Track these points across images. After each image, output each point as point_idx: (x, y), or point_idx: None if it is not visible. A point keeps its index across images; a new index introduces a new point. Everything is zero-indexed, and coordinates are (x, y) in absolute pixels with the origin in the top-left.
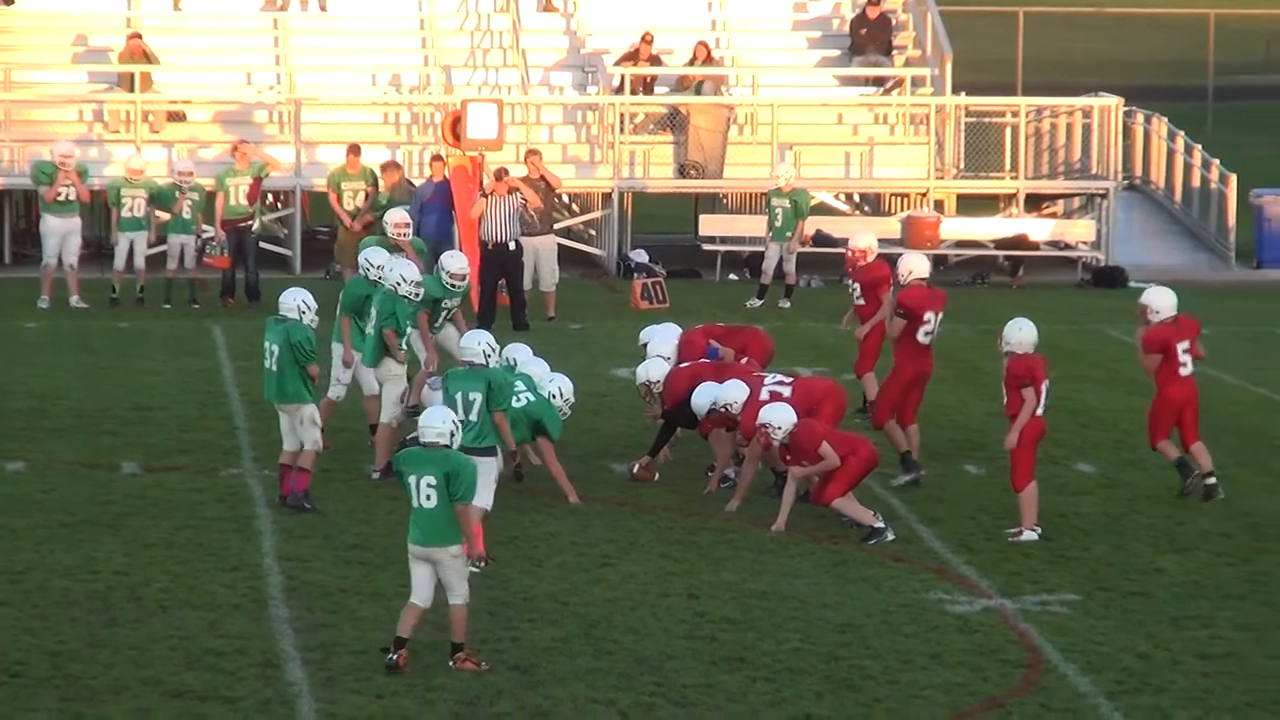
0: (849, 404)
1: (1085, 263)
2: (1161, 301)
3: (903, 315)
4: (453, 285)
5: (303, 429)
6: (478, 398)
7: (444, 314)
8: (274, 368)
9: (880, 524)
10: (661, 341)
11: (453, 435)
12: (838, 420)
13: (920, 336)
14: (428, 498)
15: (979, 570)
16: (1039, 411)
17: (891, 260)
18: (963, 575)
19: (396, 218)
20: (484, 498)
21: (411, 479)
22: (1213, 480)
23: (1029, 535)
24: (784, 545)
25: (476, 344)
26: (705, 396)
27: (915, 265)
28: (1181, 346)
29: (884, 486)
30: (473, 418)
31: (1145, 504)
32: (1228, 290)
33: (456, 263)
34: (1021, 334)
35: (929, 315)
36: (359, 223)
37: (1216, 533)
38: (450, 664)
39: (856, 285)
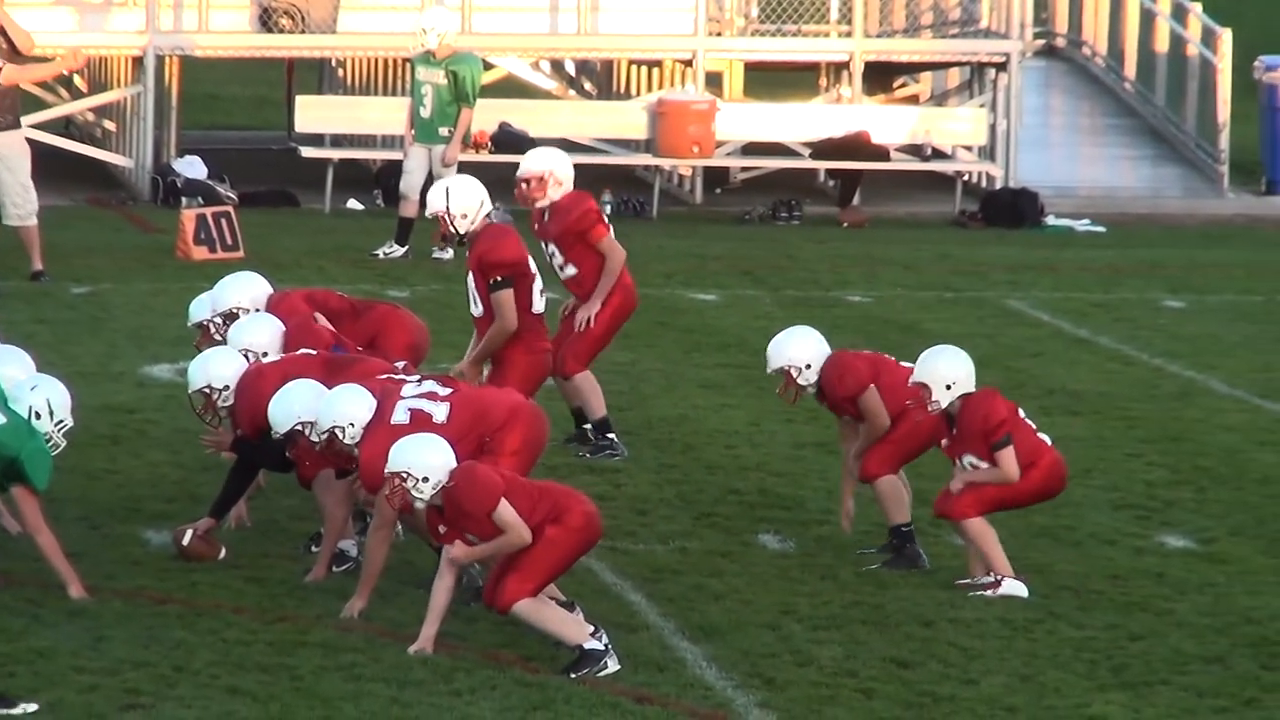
0: (549, 430)
1: (969, 183)
2: (953, 370)
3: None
4: None
5: None
6: None
7: None
8: None
9: (597, 643)
10: (250, 322)
11: None
12: (531, 459)
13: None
14: None
15: (785, 719)
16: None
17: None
18: None
19: None
20: None
21: None
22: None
23: (1012, 587)
24: (443, 673)
25: None
26: (289, 407)
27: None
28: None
29: (621, 571)
30: None
31: (1071, 595)
32: (1215, 230)
33: None
34: (958, 364)
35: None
36: None
37: (1198, 655)
38: None
39: (553, 247)
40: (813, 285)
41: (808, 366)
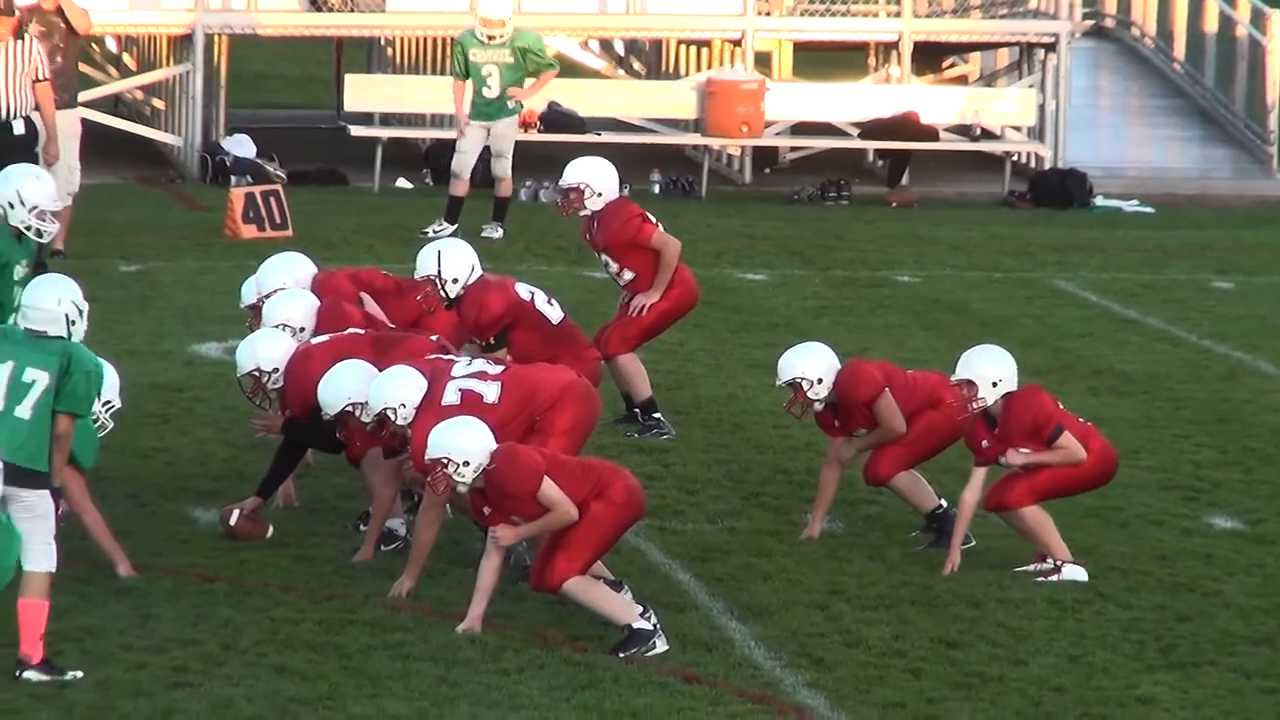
0: (601, 410)
1: (1018, 163)
2: (998, 369)
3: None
4: (39, 228)
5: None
6: (41, 382)
7: (13, 286)
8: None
9: (647, 623)
10: (284, 297)
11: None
12: (581, 438)
13: None
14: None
15: (833, 699)
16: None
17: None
18: (803, 708)
19: None
20: (45, 556)
21: None
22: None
23: (1073, 573)
24: (491, 652)
25: (54, 299)
26: (339, 388)
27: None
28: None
29: (669, 551)
30: (23, 413)
31: (1119, 575)
32: (1264, 211)
33: (43, 187)
34: (1003, 362)
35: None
36: None
37: (1245, 636)
38: None
39: (605, 256)
40: (861, 265)
41: (819, 381)
